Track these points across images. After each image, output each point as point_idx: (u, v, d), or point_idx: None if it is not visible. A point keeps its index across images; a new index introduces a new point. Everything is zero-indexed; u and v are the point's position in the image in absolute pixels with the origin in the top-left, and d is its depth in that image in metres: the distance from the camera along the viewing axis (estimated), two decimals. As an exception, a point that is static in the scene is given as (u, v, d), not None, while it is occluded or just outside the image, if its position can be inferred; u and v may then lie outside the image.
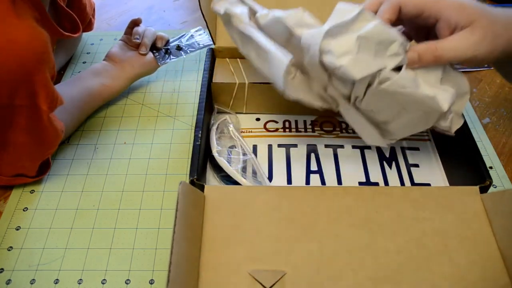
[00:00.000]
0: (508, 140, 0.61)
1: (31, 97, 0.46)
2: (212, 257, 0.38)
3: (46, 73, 0.46)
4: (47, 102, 0.48)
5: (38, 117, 0.48)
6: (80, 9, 0.66)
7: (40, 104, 0.47)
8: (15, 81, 0.44)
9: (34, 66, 0.45)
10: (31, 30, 0.45)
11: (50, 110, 0.49)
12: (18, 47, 0.43)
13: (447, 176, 0.53)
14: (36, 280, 0.47)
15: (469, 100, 0.67)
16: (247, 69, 0.59)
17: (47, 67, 0.46)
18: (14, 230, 0.51)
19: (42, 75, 0.46)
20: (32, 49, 0.44)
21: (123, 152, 0.60)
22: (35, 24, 0.45)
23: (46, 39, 0.46)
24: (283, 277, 0.37)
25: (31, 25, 0.45)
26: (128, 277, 0.47)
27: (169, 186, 0.55)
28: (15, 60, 0.43)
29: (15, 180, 0.54)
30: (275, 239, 0.40)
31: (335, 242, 0.40)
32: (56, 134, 0.52)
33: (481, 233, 0.40)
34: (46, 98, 0.47)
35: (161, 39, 0.68)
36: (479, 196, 0.43)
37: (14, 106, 0.46)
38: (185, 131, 0.63)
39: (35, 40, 0.44)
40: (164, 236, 0.50)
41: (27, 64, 0.44)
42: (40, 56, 0.45)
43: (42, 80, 0.46)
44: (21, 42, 0.43)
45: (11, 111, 0.46)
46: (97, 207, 0.53)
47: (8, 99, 0.45)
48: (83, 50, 0.77)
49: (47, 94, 0.47)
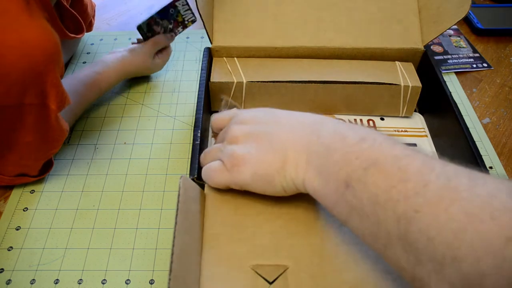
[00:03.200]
0: (508, 140, 0.61)
1: (41, 97, 0.46)
2: (214, 253, 0.39)
3: (57, 73, 0.46)
4: (57, 102, 0.48)
5: (47, 117, 0.48)
6: (81, 9, 0.67)
7: (50, 103, 0.47)
8: (26, 80, 0.44)
9: (46, 66, 0.45)
10: (43, 31, 0.45)
11: (58, 110, 0.49)
12: (30, 47, 0.43)
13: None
14: (36, 280, 0.47)
15: (469, 100, 0.67)
16: (245, 68, 0.59)
17: (57, 67, 0.46)
18: (14, 230, 0.51)
19: (52, 75, 0.46)
20: (44, 49, 0.44)
21: (123, 152, 0.60)
22: (47, 25, 0.45)
23: (57, 40, 0.46)
24: (285, 271, 0.37)
25: (43, 25, 0.45)
26: (128, 277, 0.47)
27: (169, 186, 0.56)
28: (27, 60, 0.43)
29: (17, 179, 0.54)
30: (276, 233, 0.40)
31: (337, 234, 0.40)
32: (62, 133, 0.52)
33: None
34: (56, 97, 0.47)
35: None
36: None
37: (24, 105, 0.46)
38: (185, 131, 0.63)
39: (47, 40, 0.44)
40: (164, 236, 0.50)
41: (39, 64, 0.44)
42: (51, 57, 0.45)
43: (53, 80, 0.46)
44: (33, 42, 0.43)
45: (21, 110, 0.46)
46: (97, 207, 0.53)
47: (18, 98, 0.45)
48: (83, 50, 0.77)
49: (57, 94, 0.47)
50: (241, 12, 0.60)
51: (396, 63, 0.60)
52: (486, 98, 0.67)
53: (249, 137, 0.39)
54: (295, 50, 0.59)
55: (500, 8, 0.87)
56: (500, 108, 0.66)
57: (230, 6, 0.59)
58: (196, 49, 0.77)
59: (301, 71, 0.58)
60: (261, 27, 0.60)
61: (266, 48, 0.60)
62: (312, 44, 0.59)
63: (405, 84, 0.57)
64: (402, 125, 0.60)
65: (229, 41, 0.59)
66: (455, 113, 0.52)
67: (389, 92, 0.57)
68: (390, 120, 0.60)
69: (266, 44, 0.59)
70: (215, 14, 0.59)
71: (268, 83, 0.57)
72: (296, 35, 0.59)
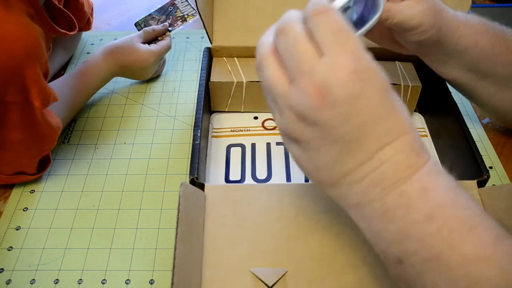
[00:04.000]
0: (508, 140, 0.61)
1: (23, 93, 0.46)
2: (214, 256, 0.39)
3: (37, 69, 0.46)
4: (40, 98, 0.47)
5: (32, 114, 0.48)
6: (77, 8, 0.66)
7: (33, 100, 0.47)
8: (5, 76, 0.44)
9: (24, 61, 0.44)
10: (21, 25, 0.44)
11: (43, 107, 0.48)
12: (7, 42, 0.43)
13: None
14: (36, 280, 0.47)
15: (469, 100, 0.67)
16: (245, 67, 0.59)
17: (38, 62, 0.46)
18: (14, 230, 0.51)
19: (33, 71, 0.45)
20: (22, 44, 0.44)
21: (123, 152, 0.60)
22: (27, 19, 0.45)
23: (37, 34, 0.45)
24: (285, 275, 0.37)
25: (21, 20, 0.45)
26: (128, 277, 0.47)
27: (169, 186, 0.55)
28: (4, 54, 0.43)
29: (15, 178, 0.54)
30: (276, 236, 0.40)
31: (336, 238, 0.40)
32: (52, 130, 0.52)
33: None
34: (39, 94, 0.47)
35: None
36: (477, 190, 0.43)
37: (6, 103, 0.46)
38: (185, 131, 0.63)
39: (25, 35, 0.44)
40: (164, 236, 0.50)
41: (17, 59, 0.44)
42: (30, 51, 0.45)
43: (33, 75, 0.46)
44: (10, 36, 0.43)
45: (3, 108, 0.46)
46: (97, 207, 0.53)
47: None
48: (83, 50, 0.77)
49: (39, 90, 0.47)
50: (241, 12, 0.60)
51: (396, 63, 0.60)
52: (486, 98, 0.67)
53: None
54: (295, 50, 0.59)
55: (500, 8, 0.87)
56: (500, 108, 0.66)
57: (230, 6, 0.59)
58: (196, 49, 0.77)
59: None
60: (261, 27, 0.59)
61: (266, 48, 0.59)
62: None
63: (405, 84, 0.57)
64: (402, 125, 0.60)
65: (229, 41, 0.59)
66: (455, 113, 0.52)
67: (389, 92, 0.57)
68: (390, 120, 0.60)
69: (266, 44, 0.59)
70: (215, 14, 0.60)
71: None
72: (296, 35, 0.59)
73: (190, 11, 0.69)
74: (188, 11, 0.70)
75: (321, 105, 0.26)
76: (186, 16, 0.69)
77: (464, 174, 0.48)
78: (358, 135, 0.27)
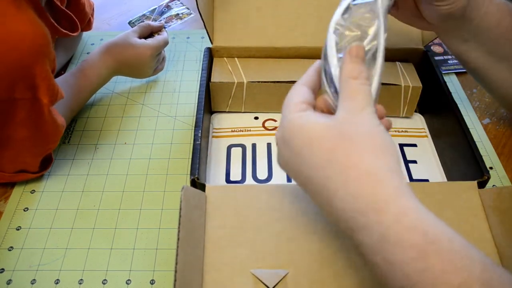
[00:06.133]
0: (508, 140, 0.61)
1: (32, 90, 0.46)
2: (215, 258, 0.39)
3: (47, 66, 0.46)
4: (48, 95, 0.48)
5: (39, 111, 0.48)
6: (78, 9, 0.67)
7: (41, 97, 0.47)
8: (14, 73, 0.44)
9: (34, 58, 0.45)
10: (31, 23, 0.45)
11: (51, 104, 0.49)
12: (17, 39, 0.43)
13: (445, 172, 0.54)
14: (36, 280, 0.47)
15: (469, 100, 0.67)
16: (245, 68, 0.59)
17: (47, 59, 0.46)
18: (15, 230, 0.51)
19: (42, 68, 0.46)
20: (32, 41, 0.44)
21: (123, 152, 0.60)
22: (35, 17, 0.45)
23: (46, 32, 0.46)
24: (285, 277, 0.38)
25: (30, 17, 0.45)
26: (129, 277, 0.47)
27: (169, 186, 0.55)
28: (14, 52, 0.43)
29: (18, 176, 0.54)
30: (277, 238, 0.40)
31: (337, 239, 0.40)
32: (57, 128, 0.52)
33: (478, 229, 0.41)
34: (47, 91, 0.47)
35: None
36: (477, 191, 0.43)
37: (15, 100, 0.46)
38: (186, 131, 0.63)
39: (34, 32, 0.44)
40: (165, 236, 0.50)
41: (27, 56, 0.44)
42: (40, 48, 0.45)
43: (43, 72, 0.46)
44: (20, 34, 0.43)
45: (12, 104, 0.46)
46: (97, 207, 0.53)
47: (8, 92, 0.45)
48: (83, 50, 0.77)
49: (48, 87, 0.47)
50: (242, 12, 0.60)
51: (397, 63, 0.60)
52: (486, 98, 0.67)
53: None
54: (295, 50, 0.60)
55: None
56: (500, 109, 0.66)
57: (230, 6, 0.59)
58: (197, 49, 0.77)
59: (301, 71, 0.58)
60: (261, 27, 0.60)
61: (267, 48, 0.60)
62: (312, 44, 0.59)
63: (405, 84, 0.57)
64: (402, 125, 0.60)
65: (230, 41, 0.60)
66: (455, 114, 0.52)
67: (390, 92, 0.57)
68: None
69: (267, 44, 0.59)
70: (215, 14, 0.60)
71: (269, 83, 0.57)
72: (296, 35, 0.59)
73: (185, 11, 0.70)
74: (183, 11, 0.70)
75: None
76: (181, 15, 0.70)
77: (464, 175, 0.49)
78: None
